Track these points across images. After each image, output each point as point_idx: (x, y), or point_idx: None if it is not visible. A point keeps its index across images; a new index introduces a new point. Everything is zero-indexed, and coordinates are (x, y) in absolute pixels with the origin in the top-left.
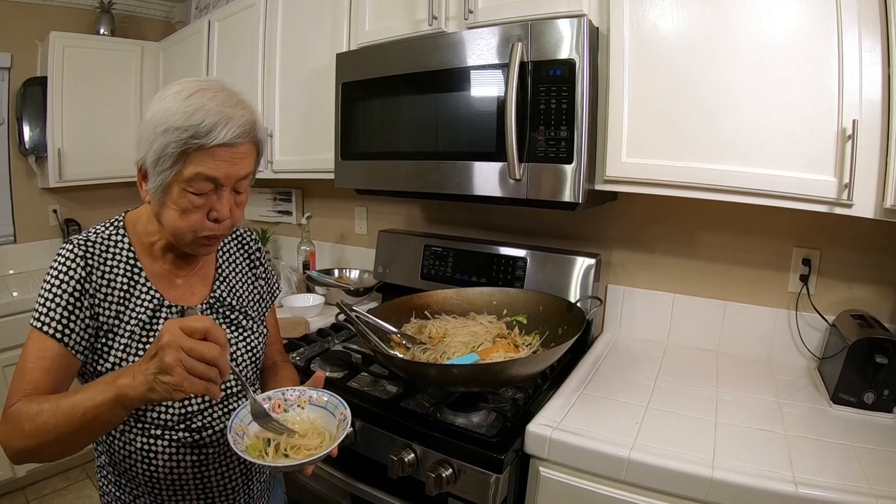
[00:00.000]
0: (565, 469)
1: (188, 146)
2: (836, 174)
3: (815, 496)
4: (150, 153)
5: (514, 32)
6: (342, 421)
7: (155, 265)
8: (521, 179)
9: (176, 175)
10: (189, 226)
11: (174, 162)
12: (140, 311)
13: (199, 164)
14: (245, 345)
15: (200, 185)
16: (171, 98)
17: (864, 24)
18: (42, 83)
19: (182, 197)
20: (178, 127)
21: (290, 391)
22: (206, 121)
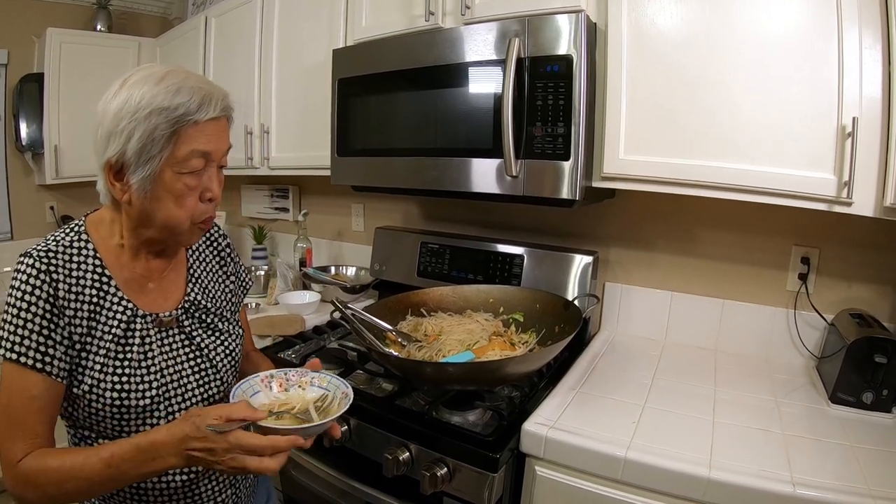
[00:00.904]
0: (561, 468)
1: (180, 124)
2: (836, 172)
3: (812, 497)
4: (133, 143)
5: (512, 28)
6: (344, 397)
7: (124, 271)
8: (517, 176)
9: (168, 158)
10: (187, 212)
11: (164, 145)
12: (114, 325)
13: (192, 141)
14: (224, 349)
15: (194, 163)
16: (141, 85)
17: (864, 21)
18: (39, 79)
19: (177, 181)
20: (166, 107)
21: (292, 371)
22: (193, 97)
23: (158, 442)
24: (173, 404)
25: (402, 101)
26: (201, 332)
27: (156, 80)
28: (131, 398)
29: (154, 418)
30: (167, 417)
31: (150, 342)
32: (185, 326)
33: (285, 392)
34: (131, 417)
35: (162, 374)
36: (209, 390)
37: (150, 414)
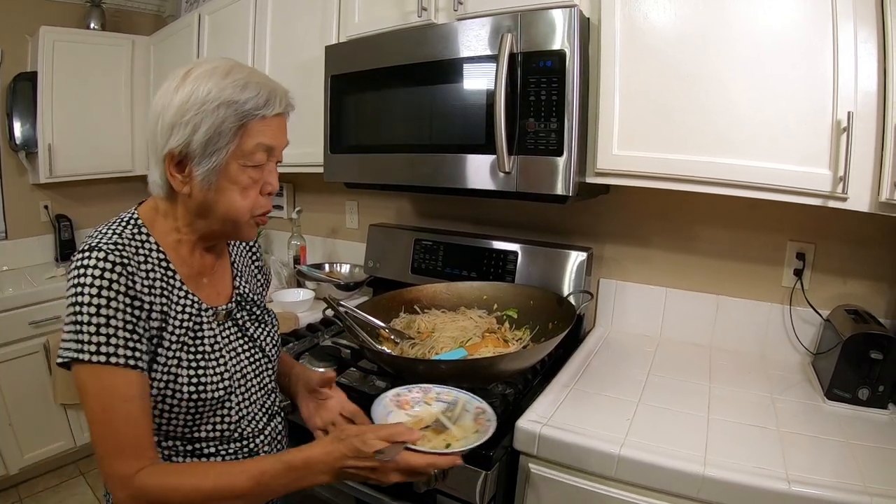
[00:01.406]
0: (555, 466)
1: (248, 118)
2: (831, 167)
3: (808, 494)
4: (199, 134)
5: (504, 23)
6: (480, 413)
7: (184, 266)
8: (510, 172)
9: (234, 151)
10: (249, 204)
11: (231, 137)
12: (184, 319)
13: (258, 135)
14: (271, 339)
15: (258, 157)
16: (207, 78)
17: (859, 15)
18: (32, 78)
19: (242, 173)
20: (235, 100)
21: (416, 388)
22: (260, 92)
23: (313, 460)
24: (239, 395)
25: (395, 98)
26: (251, 323)
27: (222, 73)
28: (207, 391)
29: (225, 409)
30: (236, 408)
31: (214, 335)
32: (238, 319)
33: (412, 409)
34: (205, 411)
35: (227, 367)
36: (264, 379)
37: (220, 405)
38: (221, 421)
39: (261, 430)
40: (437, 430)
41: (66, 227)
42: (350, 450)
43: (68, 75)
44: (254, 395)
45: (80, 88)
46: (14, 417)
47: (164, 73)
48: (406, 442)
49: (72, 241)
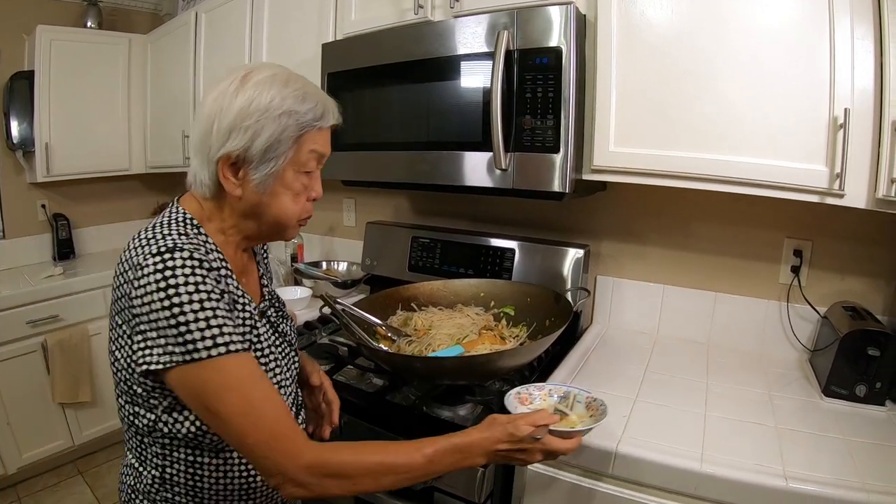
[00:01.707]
0: (552, 462)
1: (307, 128)
2: (828, 164)
3: (805, 490)
4: (260, 141)
5: (501, 20)
6: (591, 402)
7: (235, 267)
8: (507, 169)
9: (291, 158)
10: (299, 209)
11: (290, 145)
12: (245, 316)
13: (313, 144)
14: (294, 333)
15: (311, 164)
16: (268, 86)
17: (856, 12)
18: (29, 77)
19: (296, 180)
20: (296, 110)
21: (532, 386)
22: (317, 104)
23: (474, 443)
24: (283, 389)
25: (392, 95)
26: (279, 319)
27: (282, 82)
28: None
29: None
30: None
31: (262, 332)
32: (270, 316)
33: (532, 404)
34: None
35: (275, 363)
36: (293, 372)
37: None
38: None
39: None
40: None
41: (64, 225)
42: (505, 435)
43: (65, 74)
44: (289, 387)
45: (77, 87)
46: (12, 417)
47: (162, 71)
48: (549, 424)
49: (69, 240)
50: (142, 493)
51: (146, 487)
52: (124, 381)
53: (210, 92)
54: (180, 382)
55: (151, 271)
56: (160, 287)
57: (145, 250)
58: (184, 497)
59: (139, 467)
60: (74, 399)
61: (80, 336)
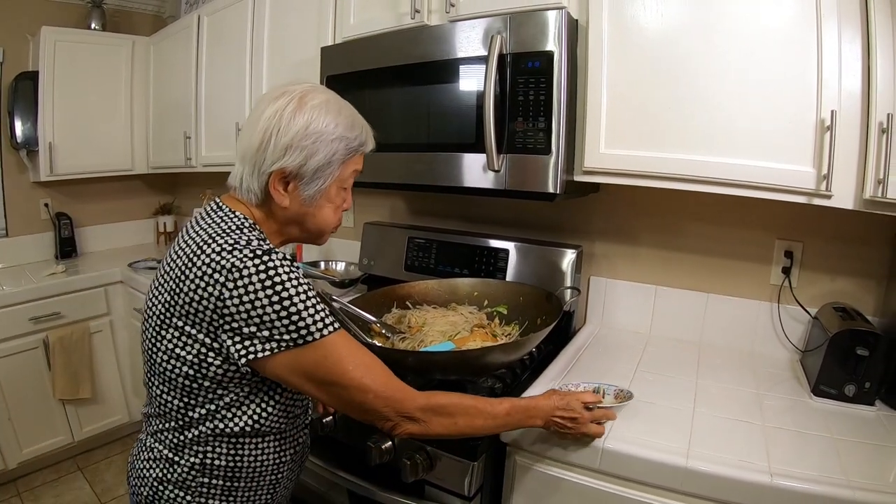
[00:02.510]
0: (541, 458)
1: (354, 153)
2: (815, 165)
3: (790, 487)
4: (314, 161)
5: (494, 25)
6: (619, 392)
7: None
8: (500, 170)
9: (337, 177)
10: (337, 219)
11: (338, 166)
12: None
13: (355, 164)
14: None
15: (350, 181)
16: (324, 112)
17: (843, 14)
18: (34, 77)
19: (338, 195)
20: (347, 137)
21: (570, 385)
22: (363, 131)
23: (539, 407)
24: None
25: (389, 98)
26: None
27: (336, 110)
28: None
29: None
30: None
31: None
32: None
33: None
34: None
35: None
36: None
37: None
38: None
39: (304, 409)
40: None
41: (66, 224)
42: (562, 403)
43: (69, 75)
44: None
45: (80, 88)
46: (13, 412)
47: (164, 73)
48: (595, 402)
49: (71, 239)
50: (173, 482)
51: (180, 476)
52: (183, 377)
53: (265, 107)
54: (289, 366)
55: (254, 272)
56: (267, 285)
57: (238, 255)
58: (221, 479)
59: (174, 457)
60: (75, 396)
61: (82, 333)
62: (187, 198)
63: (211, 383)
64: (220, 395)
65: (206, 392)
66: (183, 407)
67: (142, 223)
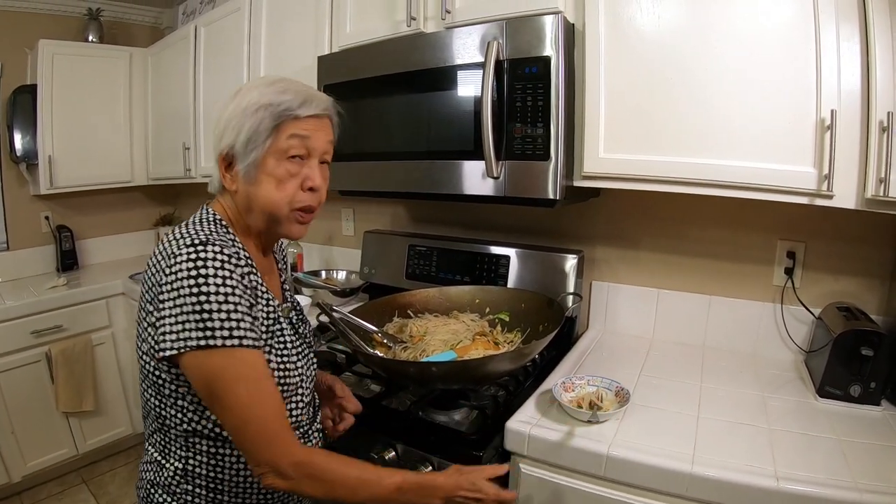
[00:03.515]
0: (545, 465)
1: (282, 118)
2: (816, 165)
3: (796, 490)
4: (242, 135)
5: (491, 31)
6: (619, 391)
7: (260, 266)
8: (499, 177)
9: (270, 147)
10: (285, 196)
11: (268, 135)
12: (268, 311)
13: (291, 129)
14: (312, 335)
15: (296, 149)
16: (255, 88)
17: (841, 13)
18: (32, 91)
19: (278, 166)
20: (272, 103)
21: (575, 377)
22: (295, 98)
23: (438, 485)
24: (303, 385)
25: (386, 106)
26: (299, 322)
27: (268, 83)
28: (290, 375)
29: (298, 395)
30: (301, 397)
31: (283, 329)
32: (292, 318)
33: (573, 391)
34: (288, 396)
35: (297, 356)
36: (312, 373)
37: (295, 392)
38: (296, 406)
39: (311, 420)
40: (592, 403)
41: (67, 237)
42: (468, 483)
43: (67, 87)
44: (307, 387)
45: (79, 100)
46: (17, 425)
47: (162, 83)
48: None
49: (73, 252)
50: (162, 486)
51: (167, 480)
52: (152, 373)
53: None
54: (194, 367)
55: (185, 259)
56: (191, 275)
57: (179, 242)
58: (204, 490)
59: (162, 460)
60: (78, 408)
61: (84, 346)
62: (188, 208)
63: (168, 377)
64: (182, 393)
65: (170, 387)
66: (158, 405)
67: (142, 234)
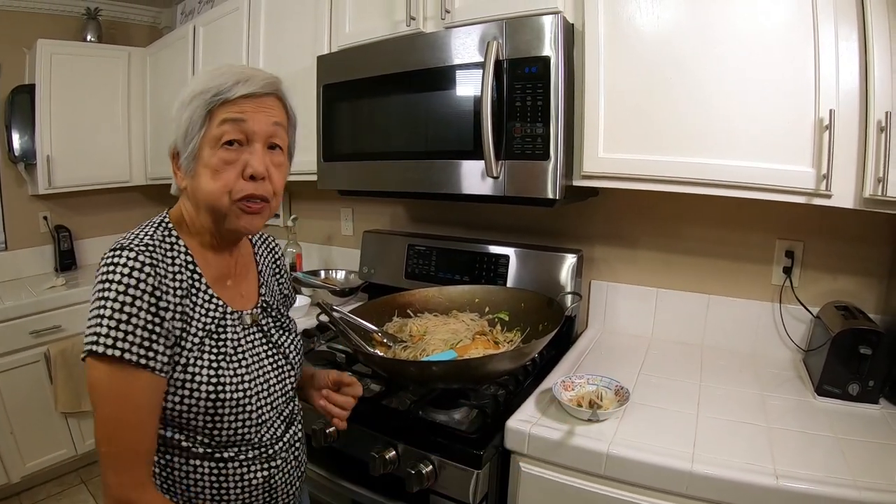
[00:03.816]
0: (545, 464)
1: (213, 103)
2: (814, 165)
3: (795, 488)
4: (181, 129)
5: (490, 31)
6: (619, 389)
7: (210, 269)
8: (498, 177)
9: (204, 136)
10: (223, 185)
11: (201, 125)
12: (207, 321)
13: (224, 114)
14: (294, 347)
15: (227, 134)
16: (196, 78)
17: (839, 12)
18: (30, 91)
19: (213, 155)
20: (202, 90)
21: (574, 376)
22: (227, 79)
23: None
24: (261, 399)
25: (385, 106)
26: (276, 330)
27: (208, 71)
28: (226, 390)
29: (246, 412)
30: (257, 412)
31: (238, 338)
32: (263, 325)
33: (573, 391)
34: (225, 413)
35: (249, 370)
36: (286, 386)
37: (242, 409)
38: (243, 425)
39: (279, 436)
40: (591, 402)
41: (66, 237)
42: None
43: (66, 87)
44: (275, 400)
45: (77, 100)
46: (15, 426)
47: (161, 83)
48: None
49: (71, 252)
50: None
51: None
52: None
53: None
54: (88, 372)
55: (102, 264)
56: (99, 279)
57: (111, 246)
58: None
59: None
60: (77, 408)
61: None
62: None
63: None
64: None
65: None
66: None
67: None
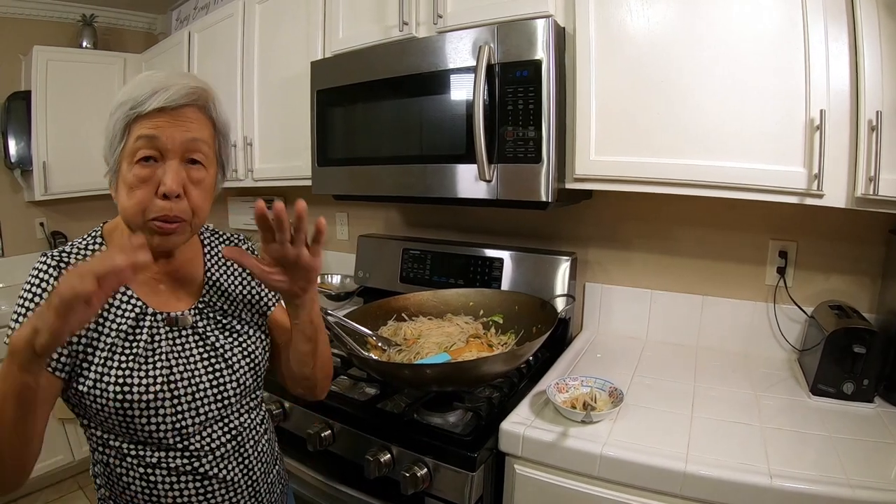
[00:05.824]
0: (540, 466)
1: (129, 117)
2: (806, 165)
3: (790, 488)
4: (106, 142)
5: (482, 35)
6: (613, 391)
7: (145, 274)
8: (491, 180)
9: (122, 151)
10: (137, 203)
11: (121, 138)
12: (121, 322)
13: (140, 129)
14: (241, 350)
15: (141, 150)
16: (125, 86)
17: (829, 12)
18: (26, 97)
19: (128, 172)
20: (125, 101)
21: (568, 378)
22: (145, 90)
23: None
24: (182, 402)
25: (379, 110)
26: (217, 332)
27: (135, 78)
28: (133, 392)
29: (160, 415)
30: (175, 415)
31: (160, 339)
32: (199, 327)
33: (568, 392)
34: (135, 414)
35: (171, 371)
36: (224, 390)
37: (154, 411)
38: (157, 428)
39: (210, 450)
40: (586, 403)
41: (62, 243)
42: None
43: (62, 93)
44: (205, 405)
45: (73, 106)
46: None
47: None
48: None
49: None
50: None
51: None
52: None
53: None
54: None
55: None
56: (25, 281)
57: None
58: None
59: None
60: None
61: None
62: None
63: None
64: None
65: None
66: None
67: None
